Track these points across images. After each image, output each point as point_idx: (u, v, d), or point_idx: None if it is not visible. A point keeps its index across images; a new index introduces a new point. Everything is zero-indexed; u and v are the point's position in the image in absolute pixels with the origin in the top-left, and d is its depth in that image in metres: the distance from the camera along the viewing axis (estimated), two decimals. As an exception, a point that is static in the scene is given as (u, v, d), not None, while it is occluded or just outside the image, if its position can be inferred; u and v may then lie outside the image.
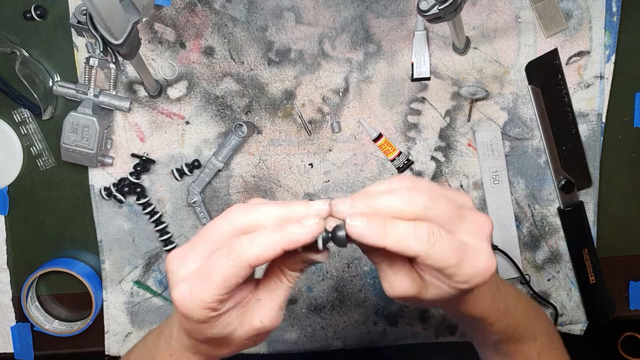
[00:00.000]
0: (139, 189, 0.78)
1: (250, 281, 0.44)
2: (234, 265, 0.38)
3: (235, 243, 0.38)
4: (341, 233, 0.39)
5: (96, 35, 0.54)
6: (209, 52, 0.76)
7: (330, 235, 0.39)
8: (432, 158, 0.78)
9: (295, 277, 0.42)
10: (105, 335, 0.81)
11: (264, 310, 0.42)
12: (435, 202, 0.38)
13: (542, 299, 0.80)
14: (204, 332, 0.41)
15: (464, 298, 0.45)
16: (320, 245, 0.39)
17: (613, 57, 0.76)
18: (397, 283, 0.41)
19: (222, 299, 0.39)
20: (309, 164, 0.78)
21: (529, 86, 0.76)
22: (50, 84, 0.76)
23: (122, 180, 0.78)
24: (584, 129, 0.77)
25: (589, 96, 0.76)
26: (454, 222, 0.39)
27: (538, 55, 0.75)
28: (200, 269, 0.39)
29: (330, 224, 0.40)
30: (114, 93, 0.74)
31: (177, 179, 0.78)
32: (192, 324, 0.41)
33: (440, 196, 0.39)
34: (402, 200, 0.38)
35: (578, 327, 0.81)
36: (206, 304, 0.39)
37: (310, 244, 0.39)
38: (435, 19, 0.57)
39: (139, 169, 0.77)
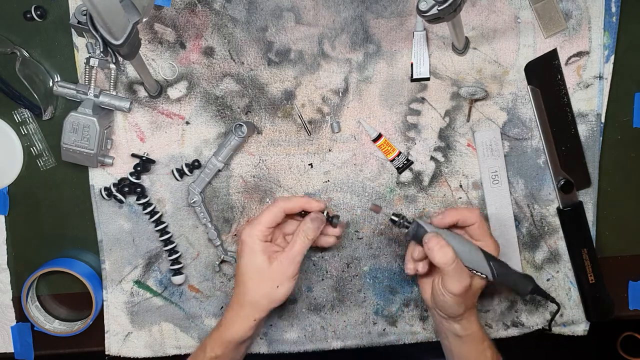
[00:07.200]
0: (139, 189, 0.78)
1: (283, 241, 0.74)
2: (272, 210, 0.69)
3: (275, 201, 0.70)
4: (335, 220, 0.72)
5: (96, 35, 0.54)
6: (209, 52, 0.76)
7: (331, 218, 0.72)
8: (432, 158, 0.78)
9: (310, 240, 0.69)
10: (106, 335, 0.81)
11: (282, 256, 0.68)
12: None
13: (544, 296, 0.78)
14: (253, 258, 0.68)
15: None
16: (325, 217, 0.71)
17: (612, 58, 0.76)
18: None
19: (267, 232, 0.69)
20: (309, 164, 0.78)
21: (528, 86, 0.76)
22: (51, 84, 0.76)
23: (122, 180, 0.78)
24: (583, 129, 0.77)
25: (588, 96, 0.76)
26: None
27: (537, 56, 0.75)
28: (252, 220, 0.71)
29: (330, 215, 0.72)
30: (114, 93, 0.74)
31: (177, 179, 0.78)
32: (250, 251, 0.68)
33: None
34: None
35: (578, 328, 0.81)
36: (258, 234, 0.68)
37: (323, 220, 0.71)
38: (434, 19, 0.57)
39: (139, 169, 0.77)
